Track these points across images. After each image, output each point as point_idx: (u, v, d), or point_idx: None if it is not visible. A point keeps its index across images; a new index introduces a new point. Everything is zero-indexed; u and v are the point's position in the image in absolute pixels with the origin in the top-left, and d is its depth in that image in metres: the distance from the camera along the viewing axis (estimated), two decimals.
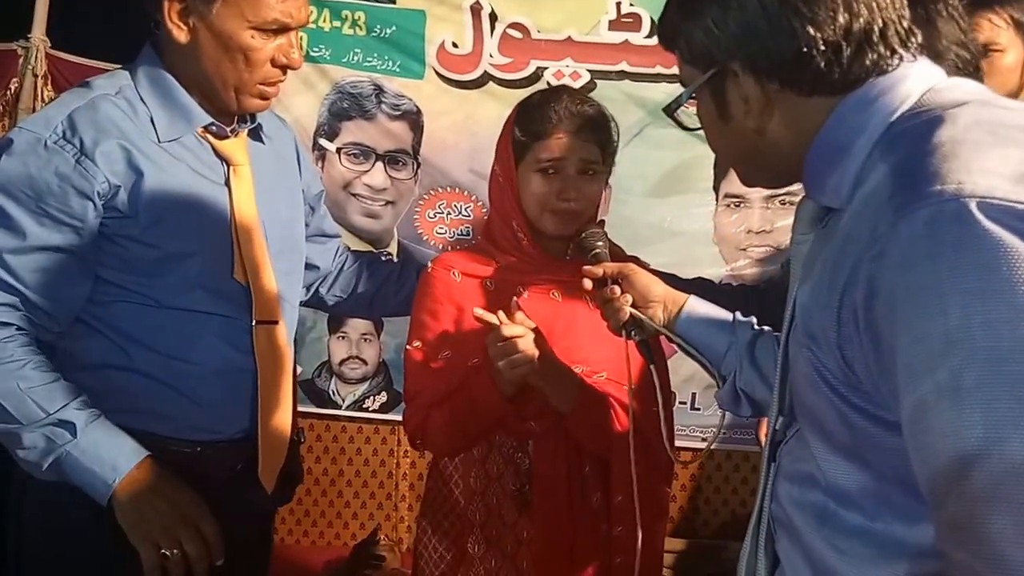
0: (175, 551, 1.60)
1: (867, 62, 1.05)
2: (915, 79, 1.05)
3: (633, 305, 1.61)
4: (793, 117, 1.09)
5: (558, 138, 1.75)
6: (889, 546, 1.01)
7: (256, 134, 1.88)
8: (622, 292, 1.62)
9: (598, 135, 1.79)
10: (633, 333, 1.61)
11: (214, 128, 1.77)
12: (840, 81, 1.05)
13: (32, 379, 1.60)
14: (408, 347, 1.87)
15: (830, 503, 1.07)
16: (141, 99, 1.72)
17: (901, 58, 1.06)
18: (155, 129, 1.71)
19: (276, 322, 1.82)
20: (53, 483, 1.64)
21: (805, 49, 1.04)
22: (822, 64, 1.04)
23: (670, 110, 1.22)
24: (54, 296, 1.64)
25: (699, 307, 1.63)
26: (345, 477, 3.29)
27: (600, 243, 1.72)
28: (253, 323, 1.78)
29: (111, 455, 1.61)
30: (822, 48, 1.04)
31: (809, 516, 1.09)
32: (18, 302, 1.62)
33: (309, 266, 2.07)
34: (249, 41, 1.67)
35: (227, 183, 1.78)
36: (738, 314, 1.63)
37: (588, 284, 1.67)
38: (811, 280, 1.05)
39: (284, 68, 1.73)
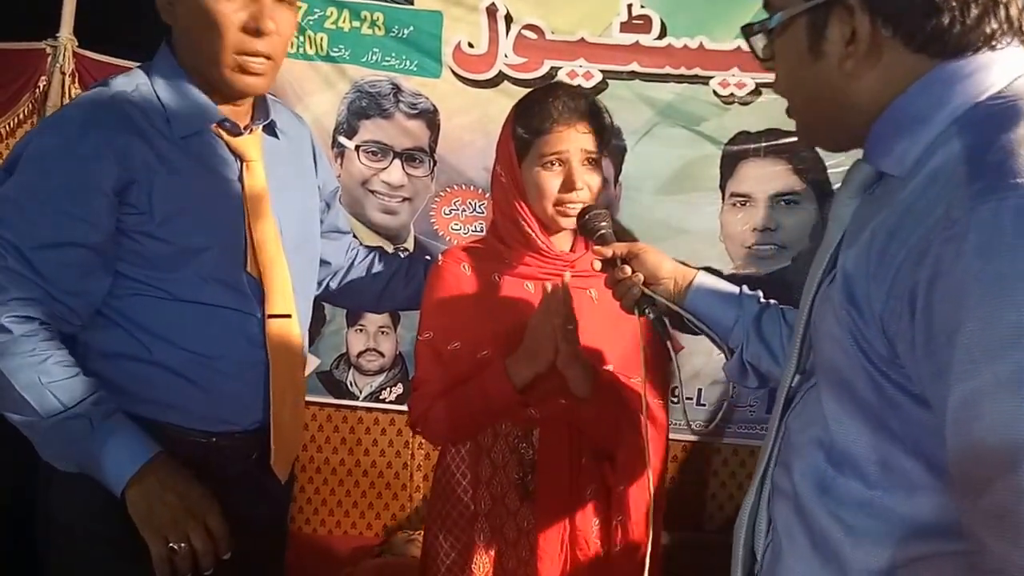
0: (183, 545, 1.61)
1: (986, 30, 1.00)
2: (1008, 63, 1.01)
3: (644, 283, 1.63)
4: (888, 71, 1.03)
5: (558, 131, 1.78)
6: (890, 520, 1.01)
7: (272, 130, 1.89)
8: (632, 271, 1.64)
9: (595, 125, 1.82)
10: (647, 311, 1.62)
11: (228, 124, 1.78)
12: (953, 43, 1.00)
13: (53, 374, 1.62)
14: (419, 338, 1.91)
15: (829, 470, 1.07)
16: (157, 96, 1.74)
17: (1009, 40, 1.01)
18: (170, 125, 1.73)
19: (289, 316, 1.83)
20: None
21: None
22: (946, 20, 0.99)
23: (751, 31, 1.15)
24: (75, 290, 1.66)
25: (707, 281, 1.64)
26: (361, 467, 3.32)
27: (604, 223, 1.74)
28: (265, 316, 1.79)
29: (124, 450, 1.62)
30: (953, 3, 0.98)
31: (810, 484, 1.09)
32: (41, 296, 1.63)
33: (322, 262, 2.09)
34: (215, 5, 1.66)
35: (240, 179, 1.79)
36: (745, 288, 1.65)
37: (598, 265, 1.70)
38: (857, 246, 1.02)
39: (257, 33, 1.69)
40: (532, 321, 1.74)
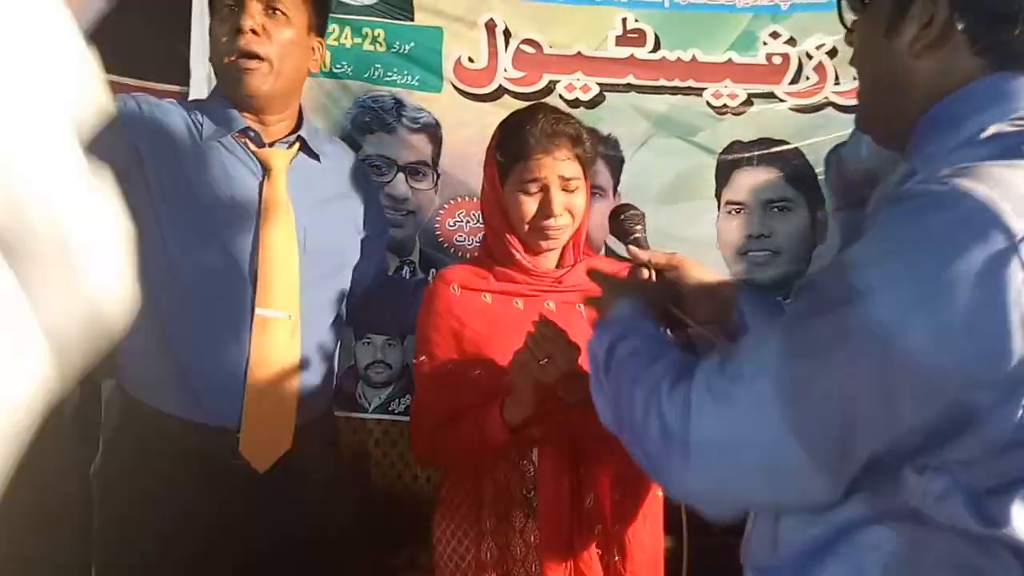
0: None
1: None
2: None
3: (681, 297, 1.50)
4: (945, 63, 1.05)
5: (536, 159, 1.79)
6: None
7: (311, 152, 2.03)
8: (678, 282, 1.53)
9: (575, 151, 1.83)
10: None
11: (251, 134, 1.94)
12: (1012, 56, 1.03)
13: None
14: (415, 361, 1.94)
15: None
16: (199, 114, 1.94)
17: None
18: (200, 134, 1.91)
19: (289, 316, 1.90)
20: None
21: (1017, 9, 1.01)
22: (1016, 30, 1.02)
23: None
24: None
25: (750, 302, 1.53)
26: (372, 479, 3.33)
27: (639, 227, 1.66)
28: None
29: None
30: None
31: None
32: None
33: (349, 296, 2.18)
34: (215, 29, 1.97)
35: (261, 184, 1.92)
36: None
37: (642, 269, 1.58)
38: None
39: (237, 31, 1.90)
40: (512, 368, 1.75)
